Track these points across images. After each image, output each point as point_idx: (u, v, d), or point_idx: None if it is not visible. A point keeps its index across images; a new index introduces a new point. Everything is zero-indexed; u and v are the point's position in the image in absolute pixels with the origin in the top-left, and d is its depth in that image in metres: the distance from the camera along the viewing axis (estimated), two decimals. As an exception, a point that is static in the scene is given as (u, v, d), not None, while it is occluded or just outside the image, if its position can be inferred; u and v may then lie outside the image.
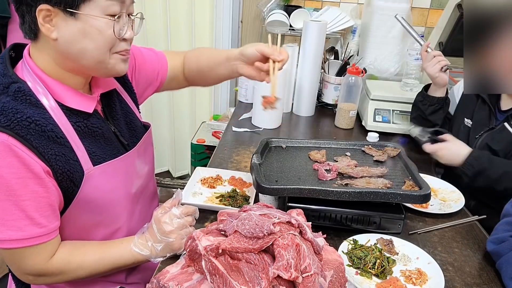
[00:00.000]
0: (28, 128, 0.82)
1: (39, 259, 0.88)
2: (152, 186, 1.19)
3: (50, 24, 0.83)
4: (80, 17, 0.83)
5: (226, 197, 1.16)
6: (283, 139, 1.32)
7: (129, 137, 1.06)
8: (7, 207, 0.82)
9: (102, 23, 0.85)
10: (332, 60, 1.95)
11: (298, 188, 1.02)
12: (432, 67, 1.46)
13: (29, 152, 0.81)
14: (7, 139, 0.79)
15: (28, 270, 0.89)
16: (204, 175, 1.29)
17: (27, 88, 0.86)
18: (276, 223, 0.73)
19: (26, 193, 0.82)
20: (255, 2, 2.28)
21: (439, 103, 1.51)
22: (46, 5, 0.81)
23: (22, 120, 0.82)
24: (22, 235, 0.83)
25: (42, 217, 0.85)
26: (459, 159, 1.32)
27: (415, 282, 0.92)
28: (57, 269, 0.90)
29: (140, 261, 0.96)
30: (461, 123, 1.47)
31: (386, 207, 1.06)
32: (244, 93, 2.00)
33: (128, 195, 1.02)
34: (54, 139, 0.85)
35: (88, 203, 0.93)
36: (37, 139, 0.83)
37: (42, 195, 0.84)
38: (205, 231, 0.76)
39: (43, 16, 0.82)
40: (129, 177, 1.03)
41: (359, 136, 1.72)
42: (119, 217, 1.02)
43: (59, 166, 0.86)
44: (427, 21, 2.23)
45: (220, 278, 0.69)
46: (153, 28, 2.38)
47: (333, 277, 0.77)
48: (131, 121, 1.09)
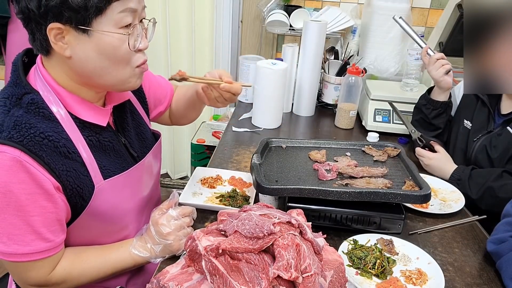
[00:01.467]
0: (41, 144, 0.81)
1: (43, 271, 0.87)
2: (158, 192, 1.19)
3: (63, 42, 0.81)
4: (93, 34, 0.81)
5: (226, 197, 1.16)
6: (283, 139, 1.32)
7: (139, 148, 1.05)
8: (15, 222, 0.81)
9: (115, 38, 0.82)
10: (332, 60, 1.94)
11: (298, 188, 1.02)
12: (437, 71, 1.46)
13: (40, 168, 0.80)
14: (19, 155, 0.78)
15: (31, 282, 0.88)
16: (204, 175, 1.28)
17: (40, 99, 0.84)
18: (276, 223, 0.73)
19: (35, 208, 0.81)
20: (255, 2, 2.29)
21: (443, 107, 1.51)
22: (57, 24, 0.79)
23: (35, 135, 0.81)
24: (29, 250, 0.83)
25: (49, 232, 0.84)
26: (444, 175, 1.37)
27: (415, 282, 0.92)
28: (59, 279, 0.90)
29: (140, 263, 0.97)
30: (460, 125, 1.47)
31: (386, 207, 1.06)
32: (244, 93, 2.00)
33: (136, 205, 1.03)
34: (66, 154, 0.85)
35: (97, 216, 0.92)
36: (49, 155, 0.82)
37: (50, 210, 0.83)
38: (205, 231, 0.76)
39: (54, 34, 0.80)
40: (138, 188, 1.03)
41: (359, 136, 1.72)
42: (126, 227, 1.02)
43: (70, 182, 0.85)
44: (427, 21, 2.23)
45: (220, 278, 0.69)
46: (153, 28, 2.38)
47: (333, 277, 0.77)
48: (141, 132, 1.08)
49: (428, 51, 1.51)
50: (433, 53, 1.49)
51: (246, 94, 1.99)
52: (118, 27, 0.82)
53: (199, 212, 1.07)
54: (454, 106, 1.56)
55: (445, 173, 1.36)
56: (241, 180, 1.27)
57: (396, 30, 1.87)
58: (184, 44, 2.43)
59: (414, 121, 1.59)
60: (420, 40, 1.61)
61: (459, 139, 1.45)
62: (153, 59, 2.45)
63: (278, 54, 2.40)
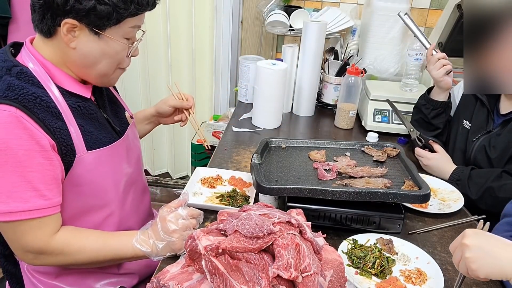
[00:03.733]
0: (34, 102, 0.86)
1: (41, 234, 0.89)
2: (143, 179, 1.21)
3: (72, 35, 0.89)
4: (103, 38, 0.91)
5: (226, 197, 1.17)
6: (283, 139, 1.32)
7: (119, 125, 1.10)
8: (14, 178, 0.83)
9: (120, 46, 0.94)
10: (332, 60, 1.95)
11: (298, 188, 1.02)
12: (437, 71, 1.45)
13: (36, 125, 0.84)
14: (15, 111, 0.82)
15: (29, 247, 0.90)
16: (204, 175, 1.29)
17: (28, 71, 0.90)
18: (276, 223, 0.73)
19: (33, 164, 0.84)
20: (255, 3, 2.29)
21: (442, 107, 1.51)
22: (74, 20, 0.86)
23: (28, 95, 0.85)
24: (28, 207, 0.85)
25: (47, 189, 0.87)
26: (443, 175, 1.37)
27: (415, 282, 0.93)
28: (57, 248, 0.91)
29: (140, 257, 0.97)
30: (460, 125, 1.47)
31: (386, 207, 1.07)
32: (244, 93, 2.00)
33: (118, 183, 1.04)
34: (56, 115, 0.89)
35: (80, 186, 0.94)
36: (42, 113, 0.86)
37: (47, 167, 0.86)
38: (205, 231, 0.77)
39: (68, 28, 0.87)
40: (120, 165, 1.05)
41: (358, 136, 1.72)
42: (108, 205, 1.03)
43: (64, 139, 0.89)
44: (427, 21, 2.23)
45: (220, 278, 0.69)
46: (153, 29, 2.38)
47: (332, 277, 0.77)
48: (118, 111, 1.14)
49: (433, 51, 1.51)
50: (435, 53, 1.50)
51: (246, 94, 1.99)
52: (124, 37, 0.94)
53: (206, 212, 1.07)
54: (454, 106, 1.56)
55: (444, 173, 1.37)
56: (241, 180, 1.27)
57: (396, 30, 1.87)
58: (184, 45, 2.43)
59: (414, 121, 1.59)
60: (424, 39, 1.60)
61: (458, 139, 1.45)
62: (153, 59, 2.46)
63: (278, 55, 2.40)
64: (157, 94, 2.56)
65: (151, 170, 2.84)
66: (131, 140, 1.13)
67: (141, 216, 1.18)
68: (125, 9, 0.89)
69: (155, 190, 2.82)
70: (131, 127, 1.14)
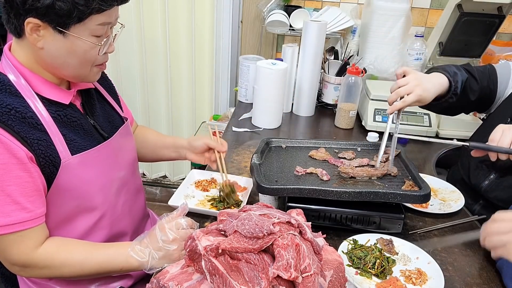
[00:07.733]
0: (9, 114, 0.84)
1: (24, 247, 0.88)
2: (136, 179, 1.20)
3: (37, 34, 0.86)
4: (68, 36, 0.87)
5: (218, 201, 1.16)
6: (283, 139, 1.32)
7: (110, 130, 1.08)
8: None
9: (87, 44, 0.90)
10: (332, 60, 1.95)
11: (298, 188, 1.02)
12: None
13: (11, 138, 0.83)
14: None
15: (14, 260, 0.89)
16: (198, 178, 1.29)
17: (6, 79, 0.89)
18: (276, 223, 0.73)
19: (10, 178, 0.83)
20: (255, 2, 2.29)
21: (450, 95, 1.24)
22: (36, 19, 0.84)
23: (2, 107, 0.84)
24: (10, 221, 0.84)
25: (28, 202, 0.86)
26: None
27: (415, 282, 0.92)
28: (41, 261, 0.90)
29: (132, 268, 0.94)
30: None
31: (386, 207, 1.06)
32: (244, 93, 2.00)
33: (108, 185, 1.03)
34: (34, 125, 0.87)
35: (68, 191, 0.93)
36: (18, 124, 0.84)
37: (26, 180, 0.85)
38: (205, 231, 0.77)
39: (31, 27, 0.85)
40: (109, 167, 1.03)
41: (359, 136, 1.72)
42: (99, 206, 1.01)
43: (42, 151, 0.87)
44: (427, 21, 2.23)
45: (220, 278, 0.69)
46: (152, 29, 2.38)
47: (333, 277, 0.77)
48: (110, 117, 1.12)
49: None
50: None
51: (246, 94, 1.99)
52: (92, 35, 0.90)
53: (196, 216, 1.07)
54: (507, 83, 1.27)
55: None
56: (235, 183, 1.26)
57: (396, 30, 1.87)
58: (184, 44, 2.43)
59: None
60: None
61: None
62: (153, 59, 2.45)
63: (278, 54, 2.40)
64: (156, 94, 2.55)
65: (149, 174, 2.82)
66: (121, 142, 1.10)
67: (135, 217, 1.17)
68: (86, 5, 0.84)
69: (155, 190, 2.81)
70: (122, 129, 1.11)
